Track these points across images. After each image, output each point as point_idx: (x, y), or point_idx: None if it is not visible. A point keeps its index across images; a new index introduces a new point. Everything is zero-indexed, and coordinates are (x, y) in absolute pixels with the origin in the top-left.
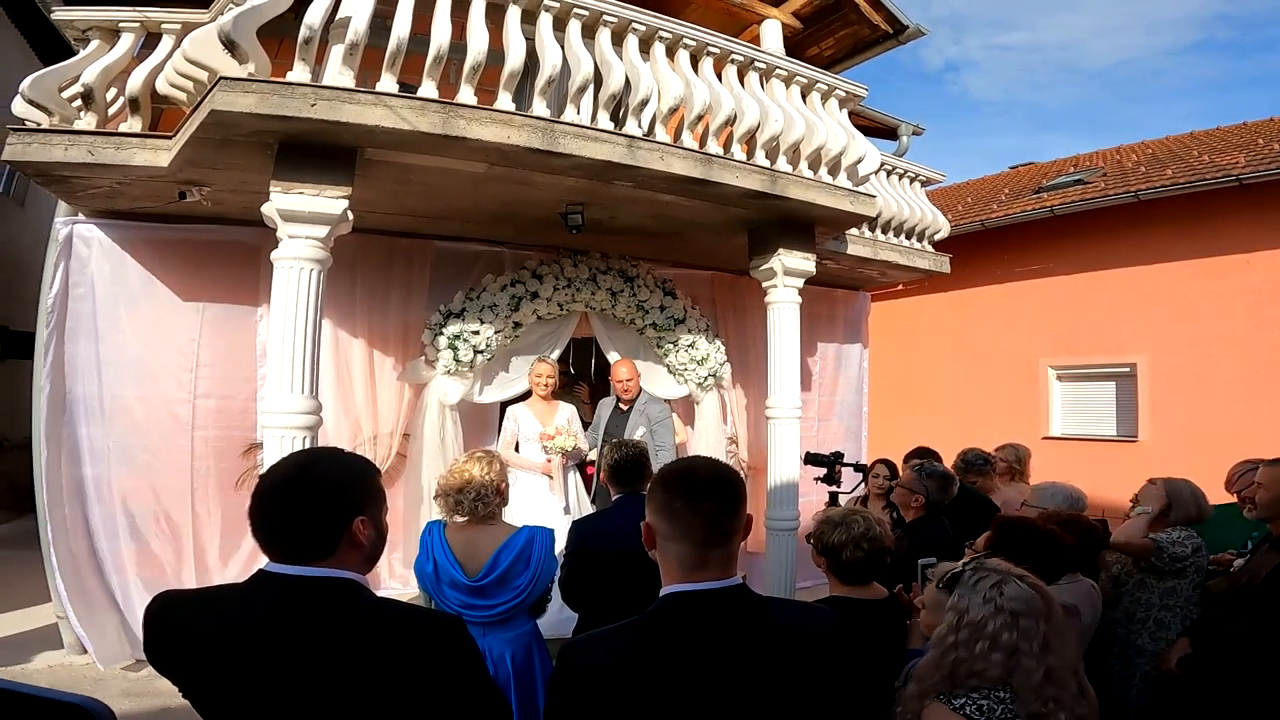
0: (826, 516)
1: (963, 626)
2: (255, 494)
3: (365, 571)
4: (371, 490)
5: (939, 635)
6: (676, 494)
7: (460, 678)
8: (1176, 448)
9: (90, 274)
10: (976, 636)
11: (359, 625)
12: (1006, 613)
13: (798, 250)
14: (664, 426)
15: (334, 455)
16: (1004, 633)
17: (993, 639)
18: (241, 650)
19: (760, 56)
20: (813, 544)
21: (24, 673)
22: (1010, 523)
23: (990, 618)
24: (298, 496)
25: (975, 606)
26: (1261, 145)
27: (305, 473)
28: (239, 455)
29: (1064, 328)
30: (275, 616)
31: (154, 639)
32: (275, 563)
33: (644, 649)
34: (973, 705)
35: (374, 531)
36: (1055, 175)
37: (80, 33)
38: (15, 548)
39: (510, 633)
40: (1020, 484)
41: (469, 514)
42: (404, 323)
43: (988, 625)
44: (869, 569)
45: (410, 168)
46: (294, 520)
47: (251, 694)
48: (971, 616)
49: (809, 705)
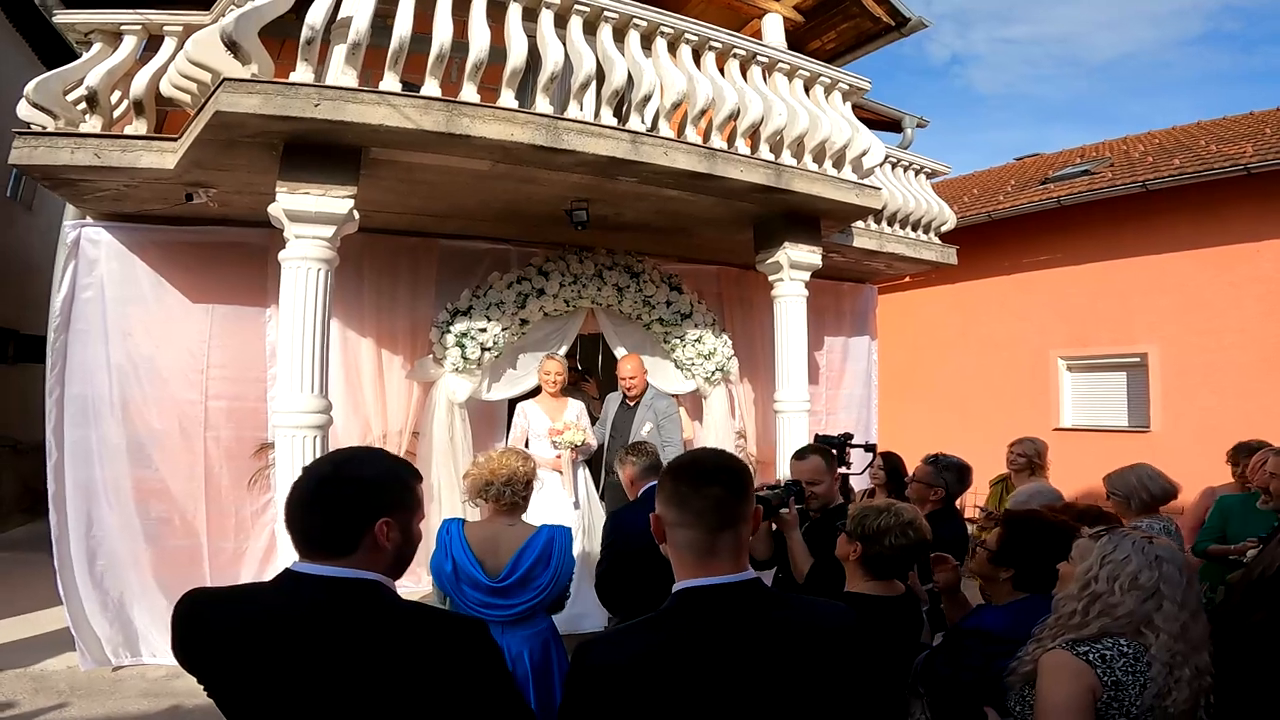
0: (868, 504)
1: (1106, 563)
2: (292, 486)
3: (394, 576)
4: (403, 494)
5: (1081, 570)
6: (684, 480)
7: (482, 681)
8: (1188, 438)
9: (99, 276)
10: (1117, 573)
11: (381, 627)
12: (1152, 556)
13: (803, 244)
14: (671, 421)
15: (371, 456)
16: (1145, 572)
17: (1134, 577)
18: (265, 648)
19: (762, 50)
20: (847, 530)
21: (41, 673)
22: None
23: (1134, 555)
24: (325, 492)
25: (1122, 548)
26: (1269, 134)
27: (337, 470)
28: (250, 455)
29: (1073, 319)
30: (299, 615)
31: (182, 637)
32: (302, 560)
33: (658, 646)
34: (1095, 653)
35: (400, 536)
36: (1062, 166)
37: (82, 36)
38: (30, 550)
39: (528, 630)
40: (1040, 479)
41: (505, 503)
42: (411, 321)
43: (1131, 562)
44: (906, 561)
45: (415, 166)
46: (318, 515)
47: (275, 692)
48: (1116, 556)
49: (827, 703)
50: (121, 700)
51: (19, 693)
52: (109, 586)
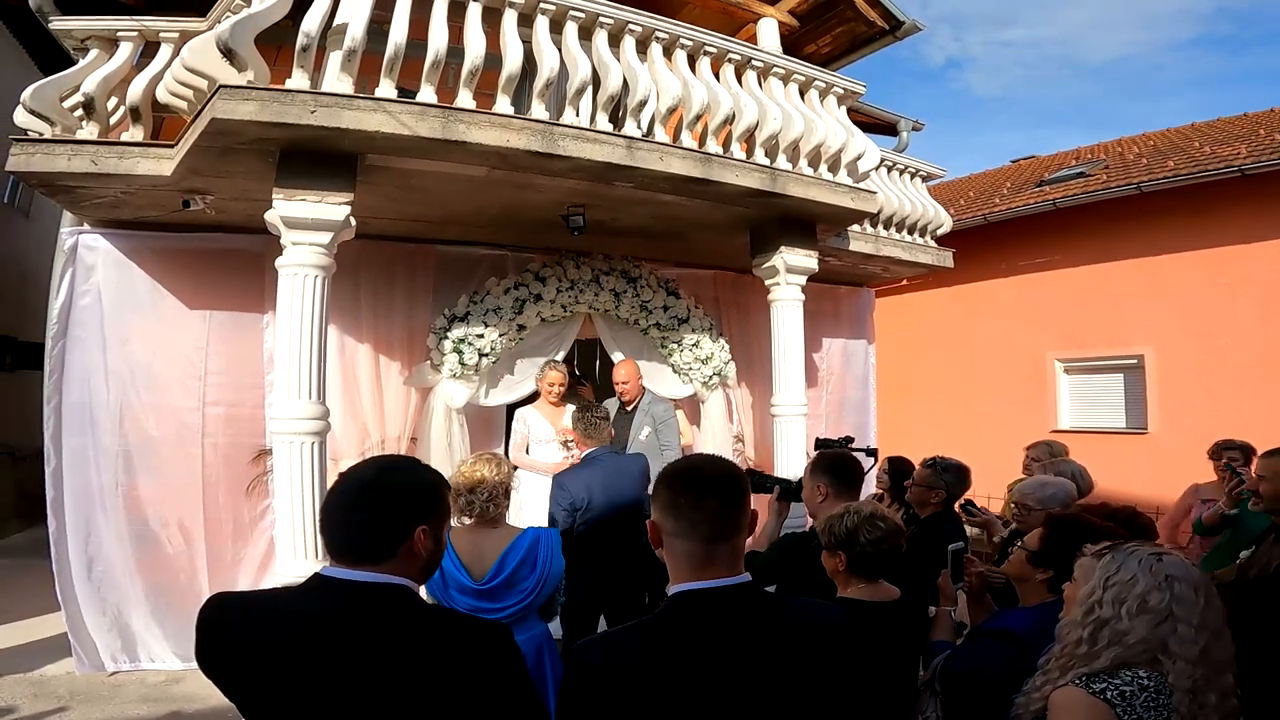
0: (827, 514)
1: (1110, 585)
2: (331, 491)
3: (422, 581)
4: (438, 502)
5: (1084, 593)
6: (681, 491)
7: (507, 685)
8: (1186, 439)
9: (96, 283)
10: (1123, 595)
11: (411, 631)
12: (1160, 576)
13: (800, 247)
14: (668, 426)
15: (410, 464)
16: (1154, 594)
17: (1142, 599)
18: (294, 653)
19: (757, 55)
20: (824, 545)
21: (41, 678)
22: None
23: (1141, 576)
24: (370, 499)
25: (1127, 567)
26: (1263, 136)
27: (383, 477)
28: (248, 462)
29: (1070, 321)
30: (330, 620)
31: (206, 641)
32: (335, 564)
33: (654, 648)
34: (1114, 690)
35: (433, 543)
36: (1057, 168)
37: (79, 42)
38: (29, 556)
39: (521, 635)
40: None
41: (478, 515)
42: (409, 327)
43: (1138, 583)
44: (889, 555)
45: (411, 173)
46: (364, 521)
47: (302, 698)
48: (1121, 576)
49: (823, 704)
50: (121, 705)
51: (19, 697)
52: (106, 592)
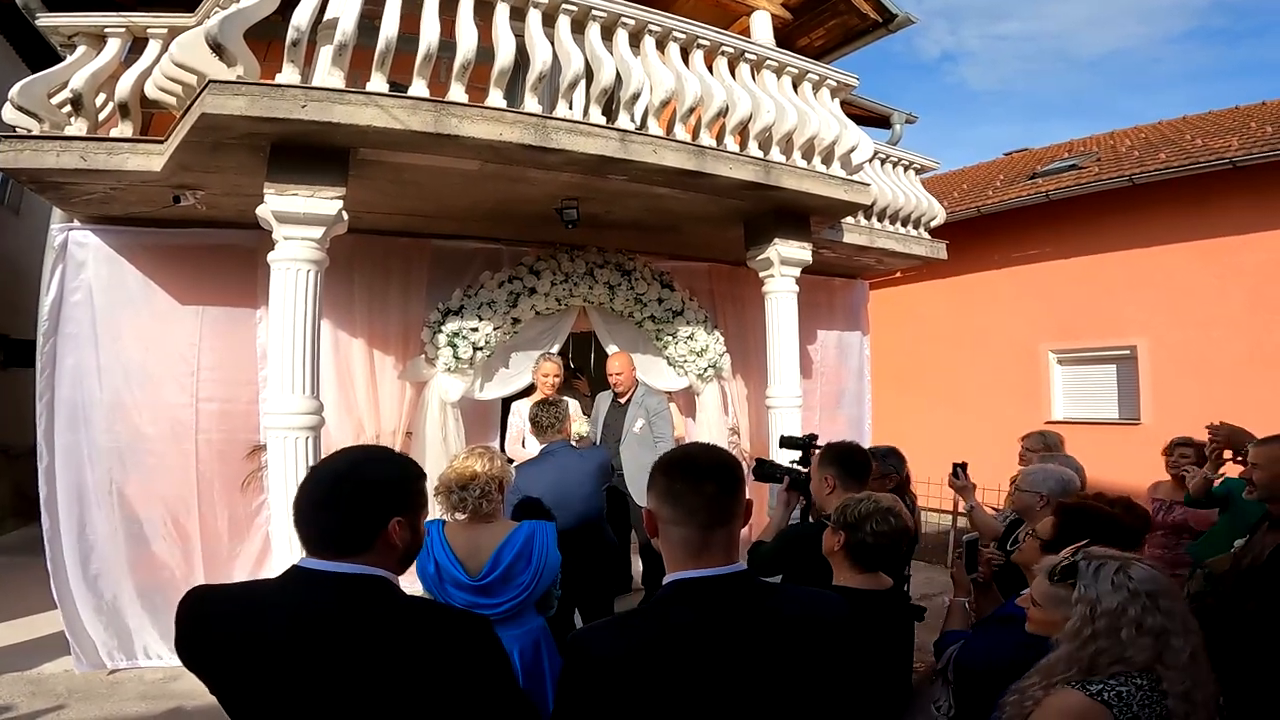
0: (849, 496)
1: (1099, 616)
2: (303, 485)
3: (400, 572)
4: (414, 493)
5: (1072, 629)
6: (677, 478)
7: (488, 677)
8: (1179, 429)
9: (87, 280)
10: (1118, 624)
11: (390, 622)
12: (1144, 596)
13: (794, 240)
14: (662, 418)
15: (384, 456)
16: (1148, 617)
17: (1137, 624)
18: (273, 645)
19: (750, 48)
20: (831, 521)
21: (39, 676)
22: (1075, 508)
23: (1128, 603)
24: (343, 491)
25: (1106, 595)
26: (1254, 128)
27: (355, 469)
28: (243, 458)
29: (1063, 312)
30: (311, 612)
31: (186, 634)
32: (311, 557)
33: (651, 637)
34: (1110, 691)
35: (409, 533)
36: (1050, 161)
37: (66, 39)
38: (24, 554)
39: (518, 629)
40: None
41: (471, 511)
42: (403, 321)
43: (1128, 611)
44: (890, 549)
45: (404, 167)
46: (335, 514)
47: (282, 689)
48: (1106, 605)
49: (819, 692)
50: (120, 703)
51: (17, 696)
52: (102, 590)
